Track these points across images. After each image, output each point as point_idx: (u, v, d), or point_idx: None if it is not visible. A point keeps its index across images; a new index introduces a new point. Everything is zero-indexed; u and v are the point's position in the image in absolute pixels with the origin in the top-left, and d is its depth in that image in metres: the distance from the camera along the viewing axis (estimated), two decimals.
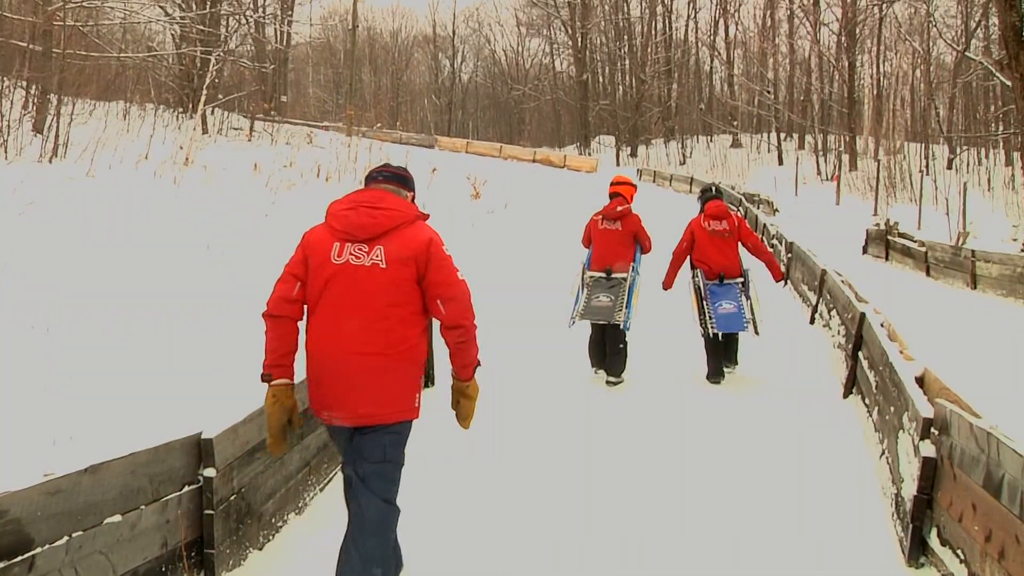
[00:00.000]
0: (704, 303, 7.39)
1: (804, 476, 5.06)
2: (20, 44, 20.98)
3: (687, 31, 54.21)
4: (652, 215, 8.55)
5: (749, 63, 51.49)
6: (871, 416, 5.72)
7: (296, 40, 50.26)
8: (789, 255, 13.44)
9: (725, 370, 7.47)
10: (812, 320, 9.98)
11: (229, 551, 3.75)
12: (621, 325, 7.16)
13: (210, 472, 3.61)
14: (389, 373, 3.27)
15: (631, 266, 7.36)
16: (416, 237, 3.32)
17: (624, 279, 7.28)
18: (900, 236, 18.83)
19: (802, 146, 45.43)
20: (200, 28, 27.95)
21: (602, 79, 57.43)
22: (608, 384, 7.25)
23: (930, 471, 3.78)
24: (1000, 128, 34.12)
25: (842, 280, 8.82)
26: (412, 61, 65.17)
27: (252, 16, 35.27)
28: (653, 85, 52.73)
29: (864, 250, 20.22)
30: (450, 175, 23.48)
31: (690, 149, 50.10)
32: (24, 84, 20.32)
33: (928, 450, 3.83)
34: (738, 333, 7.47)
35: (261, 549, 4.06)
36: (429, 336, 5.38)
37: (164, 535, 3.34)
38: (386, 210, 3.34)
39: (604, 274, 7.33)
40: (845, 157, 39.56)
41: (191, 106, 28.02)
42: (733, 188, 30.44)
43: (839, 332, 7.92)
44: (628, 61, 54.84)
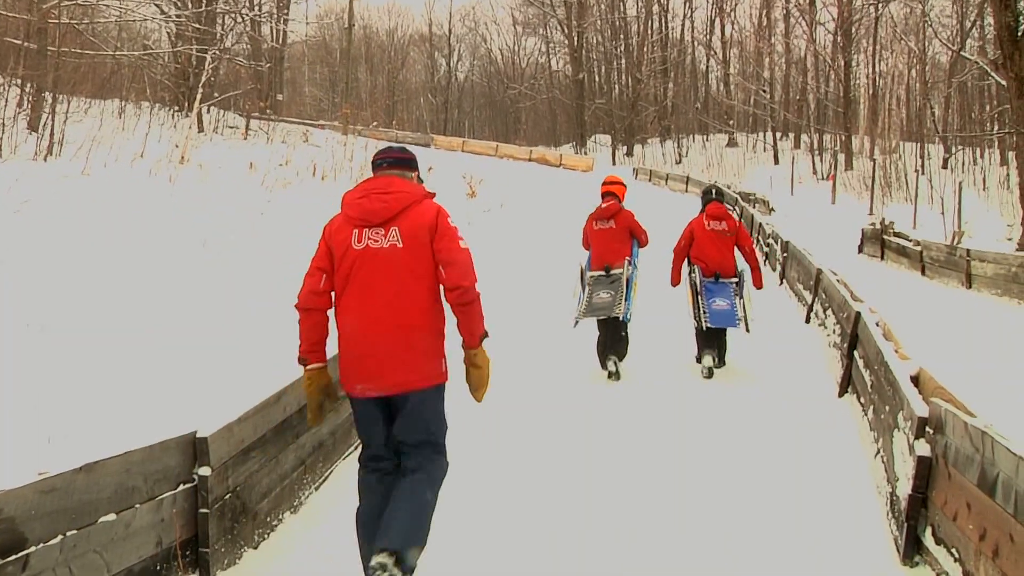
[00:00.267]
0: (699, 298, 7.66)
1: (799, 475, 5.06)
2: (15, 42, 20.91)
3: (683, 30, 54.21)
4: (648, 215, 8.62)
5: (745, 62, 51.51)
6: (866, 415, 5.73)
7: (292, 38, 50.20)
8: (785, 254, 13.45)
9: (714, 369, 7.62)
10: (808, 319, 9.99)
11: (224, 550, 3.75)
12: (621, 318, 7.36)
13: (205, 471, 3.60)
14: (415, 343, 3.48)
15: (628, 260, 7.56)
16: (426, 213, 3.56)
17: (622, 274, 7.48)
18: (895, 235, 18.86)
19: (798, 145, 45.47)
20: (196, 26, 27.86)
21: (598, 78, 57.41)
22: (611, 377, 7.45)
23: (925, 470, 3.79)
24: (995, 128, 34.11)
25: (837, 279, 8.83)
26: (408, 60, 65.08)
27: (248, 14, 35.14)
28: (649, 84, 52.72)
29: (860, 249, 20.25)
30: (446, 174, 23.46)
31: (686, 148, 50.10)
32: (19, 82, 20.27)
33: (923, 449, 3.83)
34: (726, 336, 7.76)
35: (256, 548, 4.05)
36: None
37: (159, 534, 3.34)
38: (395, 193, 3.57)
39: (603, 272, 7.55)
40: (841, 156, 39.60)
41: (187, 104, 27.98)
42: (729, 187, 30.45)
43: (834, 331, 7.93)
44: (624, 60, 54.84)
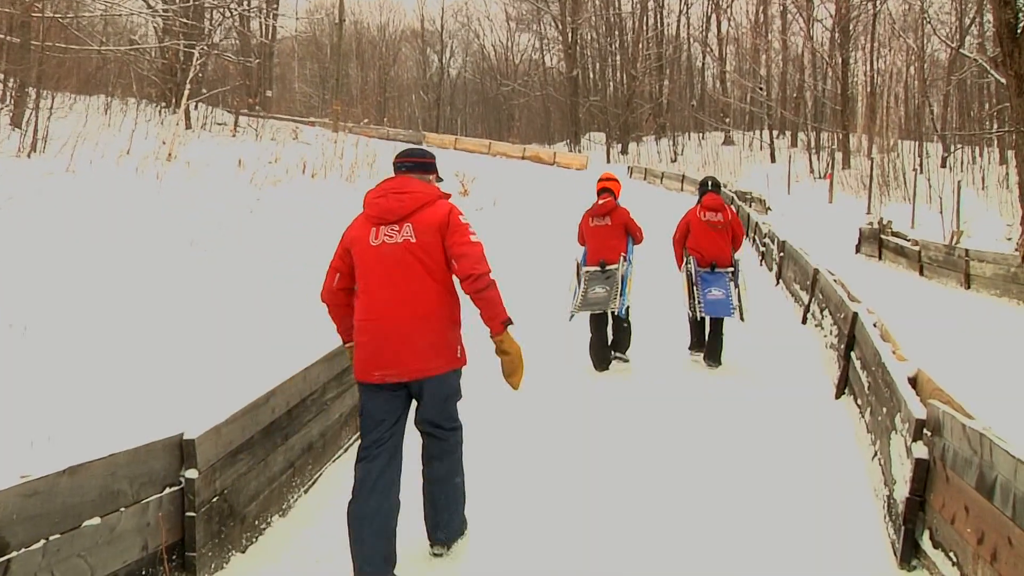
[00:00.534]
0: (694, 288, 7.90)
1: (795, 478, 5.06)
2: None
3: (679, 27, 54.33)
4: (643, 214, 8.66)
5: (741, 59, 51.64)
6: (863, 417, 5.74)
7: (281, 34, 50.04)
8: (781, 254, 13.47)
9: (709, 366, 7.83)
10: (804, 320, 10.01)
11: (211, 554, 3.74)
12: (618, 312, 7.57)
13: (192, 473, 3.59)
14: (431, 332, 3.77)
15: (623, 256, 7.77)
16: (438, 211, 3.83)
17: (617, 270, 7.69)
18: (893, 235, 18.94)
19: (795, 144, 45.60)
20: (183, 21, 27.79)
21: (592, 75, 57.48)
22: (621, 361, 7.82)
23: (923, 473, 3.79)
24: (994, 126, 34.27)
25: (835, 279, 8.85)
26: (400, 56, 65.01)
27: (236, 9, 35.07)
28: (644, 81, 52.78)
29: (857, 249, 20.31)
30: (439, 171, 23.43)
31: (681, 146, 50.19)
32: (1, 77, 20.19)
33: (921, 451, 3.84)
34: (723, 333, 7.90)
35: (244, 551, 4.04)
36: None
37: (144, 538, 3.32)
38: (411, 193, 3.85)
39: (599, 267, 7.76)
40: (838, 155, 39.71)
41: (174, 101, 27.89)
42: (725, 186, 30.51)
43: (831, 332, 7.94)
44: (619, 57, 54.89)
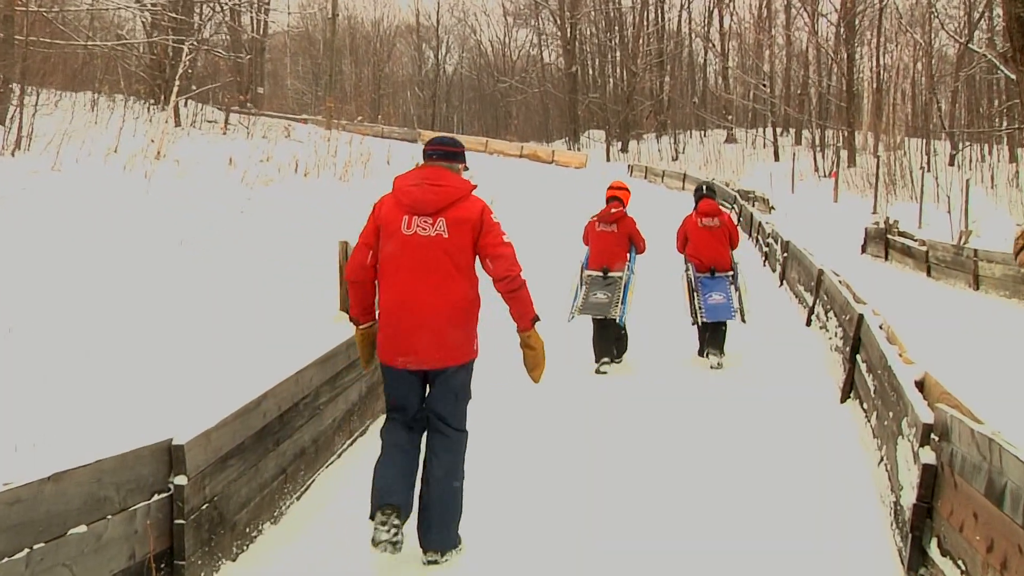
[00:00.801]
0: (695, 294, 8.25)
1: (800, 483, 5.07)
2: None
3: (680, 22, 54.49)
4: (644, 214, 8.71)
5: (744, 55, 51.72)
6: (869, 421, 5.75)
7: (273, 29, 50.02)
8: (785, 254, 13.49)
9: (716, 360, 8.09)
10: (809, 322, 10.02)
11: (200, 562, 3.73)
12: (617, 320, 7.90)
13: (181, 480, 3.59)
14: (453, 325, 4.00)
15: (627, 266, 8.11)
16: (471, 208, 4.06)
17: (620, 278, 8.02)
18: (900, 235, 18.95)
19: (799, 141, 45.67)
20: (172, 15, 27.76)
21: (592, 71, 57.56)
22: (614, 362, 8.07)
23: (930, 479, 3.79)
24: (1004, 123, 34.29)
25: (840, 280, 8.86)
26: (394, 52, 65.04)
27: (227, 3, 35.05)
28: (645, 78, 52.87)
29: (863, 249, 20.35)
30: None
31: (683, 144, 50.26)
32: None
33: (928, 457, 3.84)
34: (724, 330, 8.21)
35: (234, 560, 4.04)
36: None
37: (132, 546, 3.32)
38: (445, 187, 4.06)
39: (601, 273, 8.08)
40: (843, 153, 39.77)
41: (163, 97, 27.84)
42: (727, 185, 30.56)
43: (836, 334, 7.96)
44: (619, 53, 54.97)
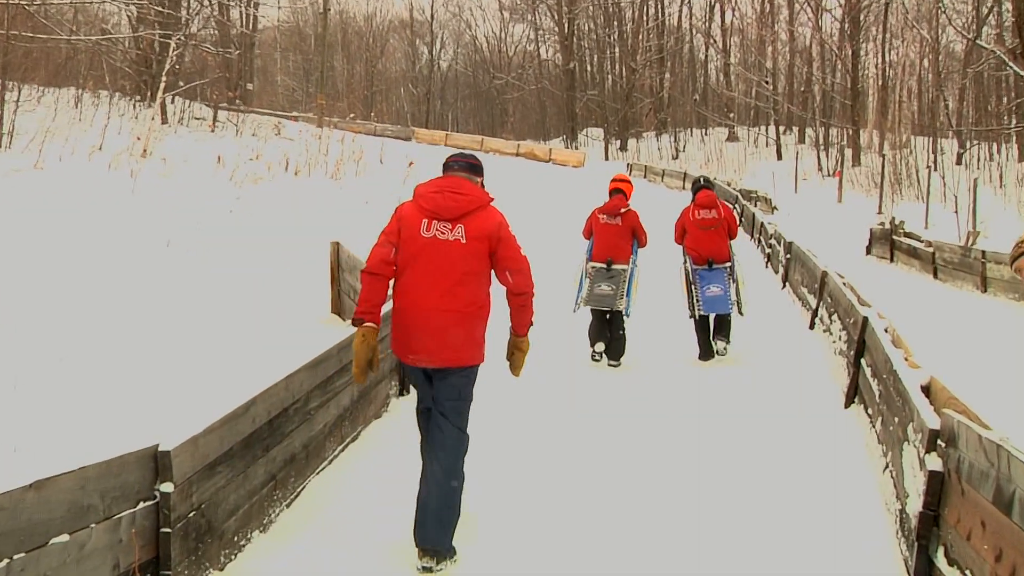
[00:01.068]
0: (692, 287, 8.53)
1: (803, 490, 5.08)
2: None
3: (681, 17, 54.51)
4: (644, 214, 8.75)
5: (747, 51, 51.77)
6: (874, 427, 5.76)
7: (263, 24, 50.15)
8: (788, 256, 13.50)
9: (722, 345, 8.50)
10: (812, 325, 10.03)
11: (187, 572, 3.73)
12: (623, 312, 8.26)
13: (167, 487, 3.58)
14: (463, 326, 4.27)
15: (630, 258, 8.41)
16: (489, 219, 4.34)
17: (624, 270, 8.34)
18: (906, 236, 18.98)
19: (802, 140, 45.73)
20: (158, 9, 27.76)
21: (590, 68, 57.57)
22: (609, 366, 8.34)
23: (936, 486, 3.80)
24: (1013, 121, 34.39)
25: (844, 282, 8.87)
26: (388, 47, 65.05)
27: None
28: (644, 74, 52.90)
29: (867, 251, 20.37)
30: (428, 169, 23.25)
31: (683, 143, 50.31)
32: None
33: (934, 464, 3.84)
34: (730, 321, 8.54)
35: (222, 570, 4.04)
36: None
37: (116, 556, 3.31)
38: (466, 195, 4.34)
39: (605, 265, 8.36)
40: (848, 152, 39.82)
41: (149, 94, 27.85)
42: (729, 184, 30.58)
43: (840, 338, 7.97)
44: (618, 49, 55.01)
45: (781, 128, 46.79)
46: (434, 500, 4.19)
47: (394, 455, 5.58)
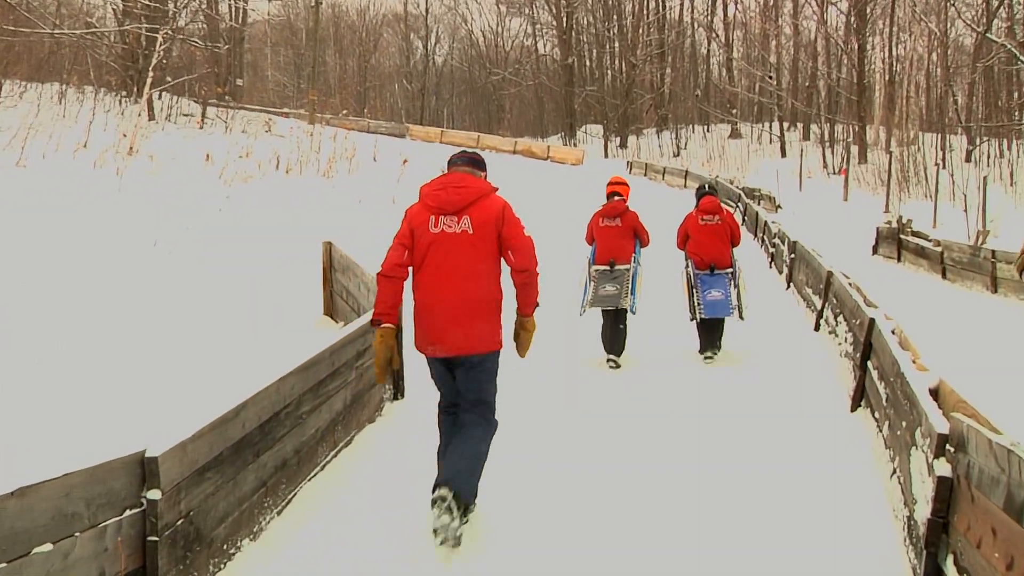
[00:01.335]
0: (694, 291, 8.75)
1: (809, 495, 5.08)
2: None
3: (682, 11, 54.55)
4: (645, 214, 8.81)
5: (750, 46, 51.83)
6: (881, 431, 5.75)
7: (253, 17, 50.10)
8: (792, 255, 13.51)
9: (708, 352, 8.67)
10: (817, 326, 10.03)
11: None
12: (629, 309, 8.47)
13: (154, 494, 3.57)
14: (478, 315, 4.51)
15: (632, 257, 8.62)
16: (493, 205, 4.59)
17: (627, 270, 8.54)
18: (914, 235, 19.01)
19: (807, 137, 45.80)
20: (145, 3, 27.74)
21: (589, 63, 57.60)
22: (608, 363, 8.48)
23: (945, 492, 3.80)
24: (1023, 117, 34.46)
25: (850, 283, 8.88)
26: (381, 42, 65.02)
27: None
28: (645, 70, 52.95)
29: (874, 250, 20.41)
30: (423, 167, 23.41)
31: (685, 140, 50.36)
32: None
33: (943, 469, 3.84)
34: (722, 328, 8.72)
35: None
36: (401, 340, 6.18)
37: (101, 565, 3.30)
38: (468, 187, 4.59)
39: (608, 267, 8.58)
40: (854, 148, 39.91)
41: (135, 89, 27.84)
42: (732, 183, 30.62)
43: (846, 339, 7.97)
44: (617, 43, 55.05)
45: (785, 125, 46.85)
46: (463, 445, 4.48)
47: (389, 460, 5.58)
